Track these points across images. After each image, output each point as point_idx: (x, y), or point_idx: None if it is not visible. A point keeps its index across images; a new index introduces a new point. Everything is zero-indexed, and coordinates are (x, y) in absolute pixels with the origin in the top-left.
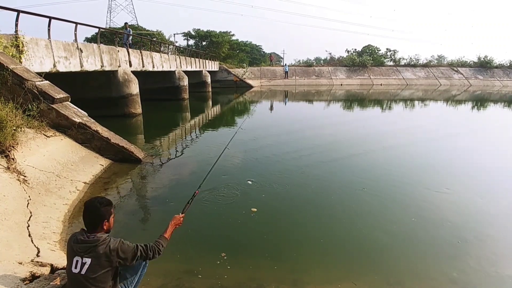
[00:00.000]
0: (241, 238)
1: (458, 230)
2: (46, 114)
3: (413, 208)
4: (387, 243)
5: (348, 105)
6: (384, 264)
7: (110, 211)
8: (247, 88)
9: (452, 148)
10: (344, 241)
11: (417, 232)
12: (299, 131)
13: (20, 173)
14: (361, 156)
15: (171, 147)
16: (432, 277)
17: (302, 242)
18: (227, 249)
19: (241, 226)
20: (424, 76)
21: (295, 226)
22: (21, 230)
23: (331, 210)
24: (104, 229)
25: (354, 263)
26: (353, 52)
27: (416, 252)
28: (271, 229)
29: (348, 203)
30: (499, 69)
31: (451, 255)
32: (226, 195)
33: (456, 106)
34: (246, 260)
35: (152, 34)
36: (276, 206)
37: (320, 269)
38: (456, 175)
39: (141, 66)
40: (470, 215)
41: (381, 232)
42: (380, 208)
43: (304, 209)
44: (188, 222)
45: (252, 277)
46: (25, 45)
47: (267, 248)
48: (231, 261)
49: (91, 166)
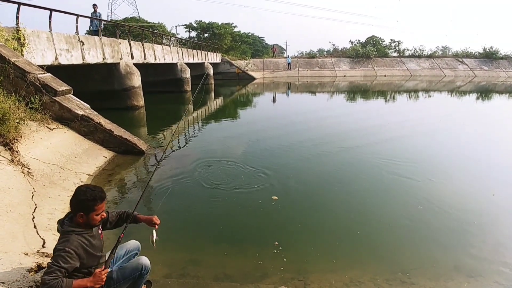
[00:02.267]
0: (243, 229)
1: (462, 219)
2: (49, 107)
3: (420, 197)
4: (391, 232)
5: (352, 96)
6: (388, 252)
7: (89, 206)
8: (250, 80)
9: (458, 138)
10: (348, 229)
11: (421, 221)
12: (303, 122)
13: (24, 166)
14: (368, 147)
15: (174, 139)
16: (436, 265)
17: (304, 231)
18: (231, 239)
19: (246, 216)
20: (429, 67)
21: (297, 215)
22: (27, 221)
23: (336, 199)
24: (80, 221)
25: (358, 251)
26: (356, 43)
27: (420, 240)
28: (275, 218)
29: (354, 192)
30: (505, 60)
31: (455, 243)
32: (226, 184)
33: (461, 97)
34: (251, 249)
35: (154, 26)
36: (280, 194)
37: (324, 258)
38: (461, 165)
39: (143, 59)
40: (474, 204)
41: (385, 221)
42: (386, 197)
43: (305, 200)
44: (191, 211)
45: (256, 266)
46: (26, 38)
47: (271, 238)
48: (236, 251)
49: (95, 158)
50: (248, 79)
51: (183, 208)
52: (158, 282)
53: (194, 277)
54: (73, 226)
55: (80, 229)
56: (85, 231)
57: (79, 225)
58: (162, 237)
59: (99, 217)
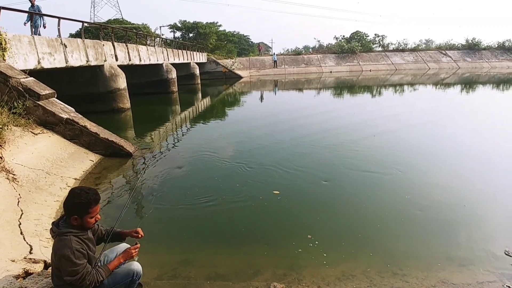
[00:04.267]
0: (233, 227)
1: (452, 210)
2: (32, 111)
3: (409, 189)
4: (382, 224)
5: (338, 92)
6: (380, 244)
7: (83, 209)
8: (237, 78)
9: (447, 131)
10: (339, 223)
11: (412, 212)
12: (291, 119)
13: (9, 172)
14: (356, 142)
15: (162, 141)
16: (427, 255)
17: (295, 227)
18: (222, 238)
19: (236, 214)
20: (413, 61)
21: (287, 211)
22: (13, 228)
23: (326, 193)
24: (74, 224)
25: (350, 245)
26: (341, 39)
27: (411, 232)
28: (265, 215)
29: (344, 186)
30: (487, 50)
31: (446, 233)
32: (215, 184)
33: (445, 89)
34: (242, 247)
35: (138, 28)
36: (265, 190)
37: (316, 252)
38: (450, 156)
39: (128, 60)
40: (463, 194)
41: (375, 213)
42: (376, 190)
43: (294, 195)
44: (181, 211)
45: (248, 263)
46: (8, 42)
47: (262, 235)
48: (227, 249)
49: (81, 162)
50: (234, 78)
51: (172, 208)
52: (149, 285)
53: (186, 278)
54: (70, 228)
55: (76, 230)
56: (80, 233)
57: (74, 227)
58: (153, 238)
59: (94, 219)
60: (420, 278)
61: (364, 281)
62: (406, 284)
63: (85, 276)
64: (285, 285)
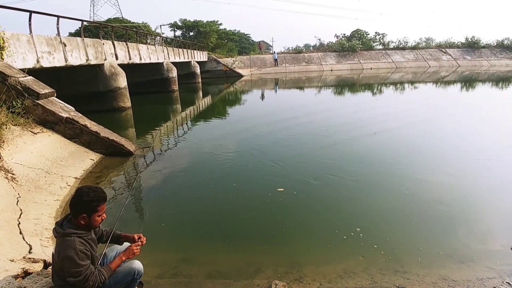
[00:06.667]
0: (234, 225)
1: (453, 207)
2: (31, 111)
3: (410, 187)
4: (384, 222)
5: (339, 90)
6: (381, 242)
7: (92, 207)
8: (237, 77)
9: (449, 129)
10: (340, 221)
11: (413, 210)
12: (292, 118)
13: (8, 171)
14: (357, 140)
15: (163, 140)
16: (428, 252)
17: (296, 224)
18: (223, 236)
19: (236, 212)
20: (413, 59)
21: (287, 209)
22: (12, 228)
23: (327, 190)
24: (81, 223)
25: (351, 242)
26: (342, 37)
27: (412, 229)
28: (265, 213)
29: (345, 184)
30: (487, 49)
31: (447, 231)
32: (216, 182)
33: (445, 87)
34: (243, 245)
35: (138, 26)
36: (262, 189)
37: (317, 250)
38: (450, 154)
39: (128, 59)
40: (464, 191)
41: (376, 211)
42: (377, 187)
43: (295, 193)
44: (182, 210)
45: (250, 261)
46: (6, 41)
47: (264, 233)
48: (228, 248)
49: (82, 161)
50: (235, 76)
51: (173, 207)
52: (150, 283)
53: (187, 276)
54: (74, 228)
55: (81, 231)
56: (85, 234)
57: (79, 227)
58: (154, 237)
59: (100, 218)
60: (421, 275)
61: (366, 279)
62: (407, 281)
63: (88, 277)
64: (286, 283)
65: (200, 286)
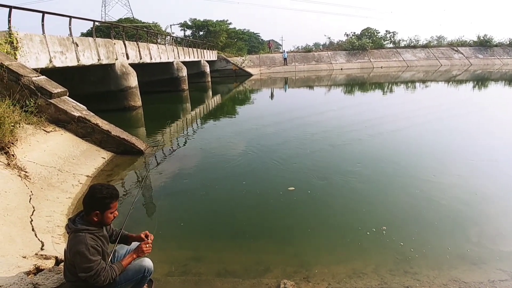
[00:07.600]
0: (244, 224)
1: (465, 207)
2: (44, 110)
3: (421, 186)
4: (394, 222)
5: (349, 89)
6: (391, 242)
7: (105, 204)
8: (247, 76)
9: (462, 129)
10: (349, 220)
11: (423, 210)
12: (301, 117)
13: (21, 169)
14: (368, 140)
15: (173, 139)
16: (439, 254)
17: (305, 224)
18: (232, 235)
19: (244, 212)
20: (425, 57)
21: (297, 209)
22: (24, 224)
23: (336, 191)
24: (94, 220)
25: (360, 242)
26: (352, 35)
27: (422, 230)
28: (275, 213)
29: (355, 184)
30: (499, 47)
31: (458, 232)
32: (226, 181)
33: (457, 86)
34: (252, 244)
35: (149, 26)
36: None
37: (326, 250)
38: (463, 154)
39: (139, 58)
40: (476, 192)
41: (386, 211)
42: (387, 187)
43: (304, 193)
44: (191, 208)
45: (258, 260)
46: (19, 42)
47: (272, 232)
48: (237, 246)
49: (93, 160)
50: (245, 75)
51: (183, 205)
52: (160, 281)
53: (196, 274)
54: (86, 225)
55: (93, 227)
56: (96, 230)
57: (91, 224)
58: (164, 235)
59: (113, 215)
60: (432, 276)
61: (375, 279)
62: (417, 282)
63: (99, 272)
64: (295, 282)
65: (209, 284)
